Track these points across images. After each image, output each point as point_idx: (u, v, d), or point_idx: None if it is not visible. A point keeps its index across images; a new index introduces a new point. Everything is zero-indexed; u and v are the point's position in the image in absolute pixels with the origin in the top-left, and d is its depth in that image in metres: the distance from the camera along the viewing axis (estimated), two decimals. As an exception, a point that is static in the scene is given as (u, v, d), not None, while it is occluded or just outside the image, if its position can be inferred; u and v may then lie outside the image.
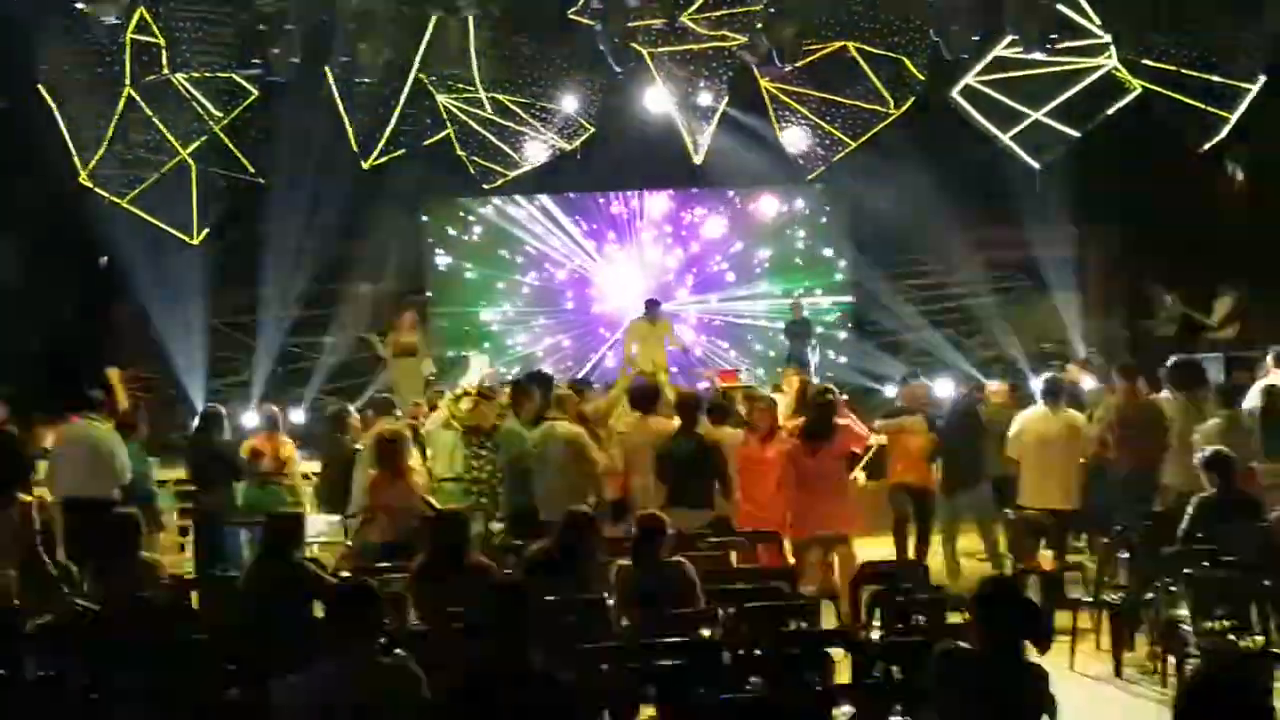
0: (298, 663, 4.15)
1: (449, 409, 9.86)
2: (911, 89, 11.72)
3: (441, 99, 11.71)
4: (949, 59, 11.37)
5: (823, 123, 12.27)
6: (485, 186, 12.96)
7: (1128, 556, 7.62)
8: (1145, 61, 11.16)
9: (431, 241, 16.13)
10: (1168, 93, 11.25)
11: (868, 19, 11.27)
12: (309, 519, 9.36)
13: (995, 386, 10.80)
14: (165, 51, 10.69)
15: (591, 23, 10.97)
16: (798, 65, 11.44)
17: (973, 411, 9.83)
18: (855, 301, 16.11)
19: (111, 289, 13.49)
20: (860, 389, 14.24)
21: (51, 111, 10.91)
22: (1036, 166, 11.99)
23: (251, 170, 11.98)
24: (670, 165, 13.90)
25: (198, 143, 11.37)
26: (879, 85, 11.76)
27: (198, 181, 11.72)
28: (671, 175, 15.05)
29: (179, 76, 10.91)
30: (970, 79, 11.56)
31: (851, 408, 9.67)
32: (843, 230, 16.19)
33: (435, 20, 10.93)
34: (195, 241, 12.12)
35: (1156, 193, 13.43)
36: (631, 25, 11.01)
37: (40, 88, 10.84)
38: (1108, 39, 10.97)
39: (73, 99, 10.91)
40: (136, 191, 11.40)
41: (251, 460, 9.49)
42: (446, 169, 13.07)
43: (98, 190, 11.33)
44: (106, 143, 11.05)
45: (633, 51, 11.17)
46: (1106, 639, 7.43)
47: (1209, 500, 7.16)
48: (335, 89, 11.45)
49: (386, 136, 11.71)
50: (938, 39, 11.16)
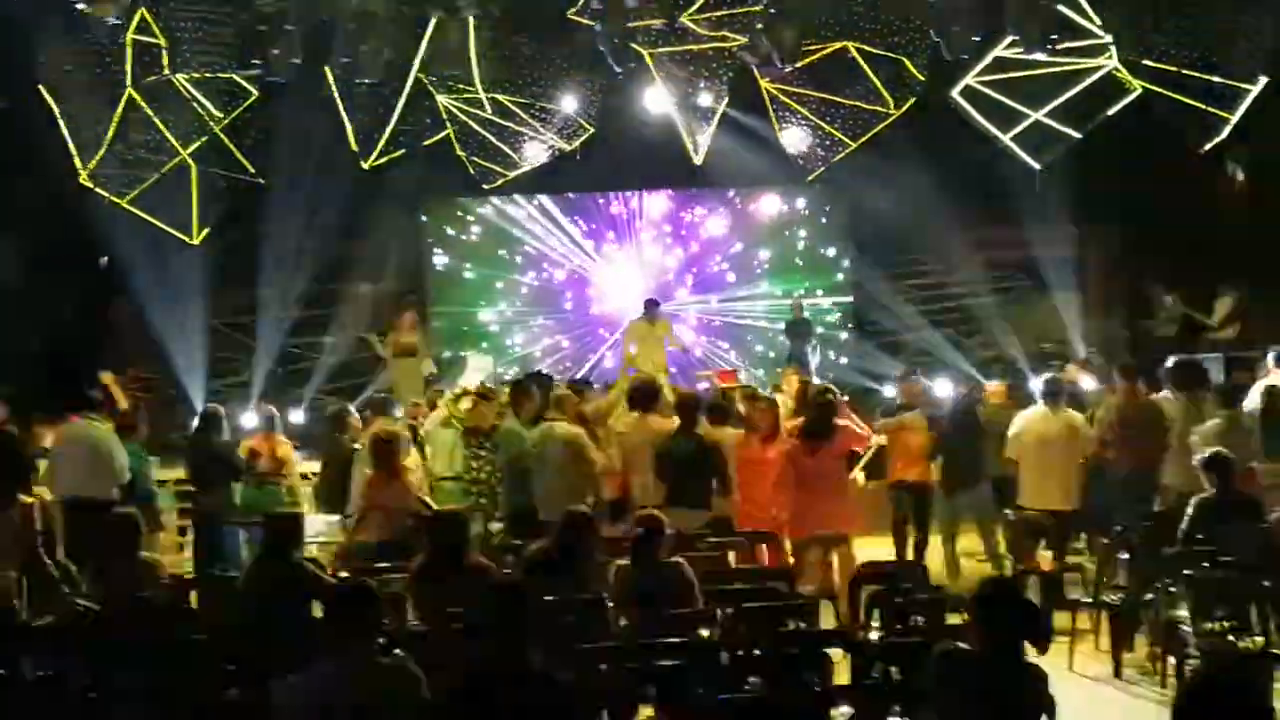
0: (298, 663, 4.15)
1: (448, 409, 9.87)
2: (912, 89, 11.72)
3: (441, 99, 11.71)
4: (949, 59, 11.37)
5: (823, 123, 12.27)
6: (485, 187, 12.95)
7: (1127, 557, 7.62)
8: (1145, 62, 11.16)
9: (430, 241, 16.11)
10: (1168, 93, 11.25)
11: (868, 19, 11.27)
12: (308, 519, 9.37)
13: (994, 386, 10.78)
14: (165, 52, 10.70)
15: (591, 23, 10.96)
16: (798, 66, 11.45)
17: (973, 411, 9.83)
18: (855, 301, 16.09)
19: (111, 289, 13.48)
20: (860, 389, 14.24)
21: (52, 111, 10.90)
22: (1036, 167, 11.99)
23: (251, 170, 11.97)
24: (670, 166, 13.88)
25: (198, 143, 11.37)
26: (879, 86, 11.76)
27: (198, 182, 11.73)
28: (671, 176, 15.04)
29: (179, 77, 10.91)
30: (970, 79, 11.55)
31: (852, 408, 9.67)
32: (843, 230, 16.17)
33: (435, 20, 10.94)
34: (195, 241, 12.12)
35: (1157, 193, 13.42)
36: (631, 25, 11.01)
37: (40, 88, 10.84)
38: (1108, 39, 10.97)
39: (73, 99, 10.91)
40: (137, 192, 11.39)
41: (249, 460, 9.50)
42: (446, 169, 13.06)
43: (98, 190, 11.32)
44: (106, 143, 11.05)
45: (632, 52, 11.17)
46: (1106, 640, 7.44)
47: (1208, 501, 7.16)
48: (335, 89, 11.46)
49: (386, 137, 11.71)
50: (938, 39, 11.16)
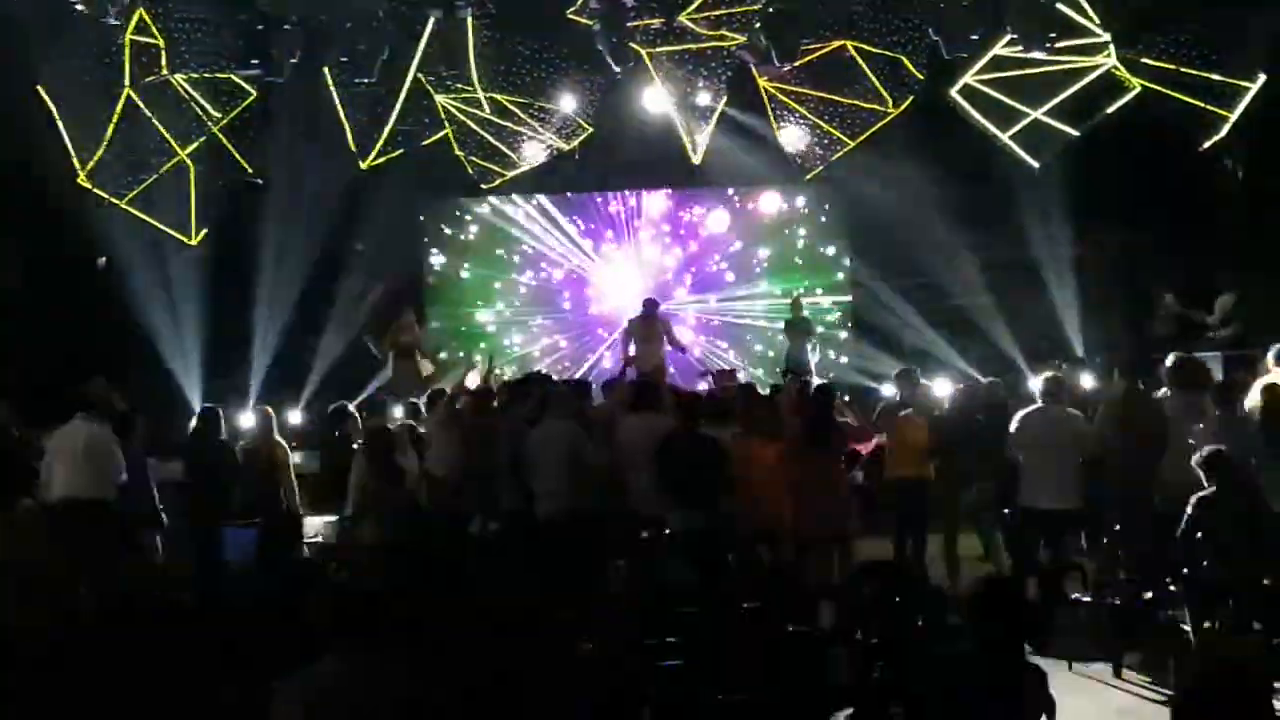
0: (298, 663, 4.14)
1: (448, 408, 9.86)
2: (910, 88, 11.72)
3: (440, 99, 11.71)
4: (948, 58, 11.38)
5: (821, 122, 12.27)
6: (483, 186, 12.95)
7: (1126, 555, 7.62)
8: (1145, 60, 11.16)
9: (427, 241, 16.08)
10: (1167, 91, 11.25)
11: (866, 18, 11.28)
12: (306, 519, 9.37)
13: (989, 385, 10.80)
14: (164, 52, 10.69)
15: (590, 22, 10.97)
16: (796, 65, 11.45)
17: (972, 408, 9.82)
18: (854, 301, 16.06)
19: (110, 289, 13.46)
20: (860, 388, 14.22)
21: (49, 112, 10.90)
22: (1035, 165, 11.99)
23: (250, 170, 11.97)
24: (668, 165, 13.88)
25: (197, 143, 11.37)
26: (877, 84, 11.76)
27: (196, 182, 11.72)
28: (670, 175, 15.01)
29: (178, 77, 10.91)
30: (969, 78, 11.56)
31: (852, 408, 9.66)
32: (842, 229, 16.14)
33: (434, 20, 10.93)
34: (194, 242, 12.11)
35: (1156, 192, 13.42)
36: (630, 25, 11.02)
37: (39, 88, 10.83)
38: (1107, 38, 10.97)
39: (71, 99, 10.91)
40: (135, 192, 11.40)
41: (246, 460, 9.49)
42: (444, 168, 13.05)
43: (97, 190, 11.32)
44: (106, 143, 11.05)
45: (631, 51, 11.18)
46: (1106, 638, 7.43)
47: (1208, 499, 7.16)
48: (334, 89, 11.45)
49: (385, 136, 11.71)
50: (936, 38, 11.17)
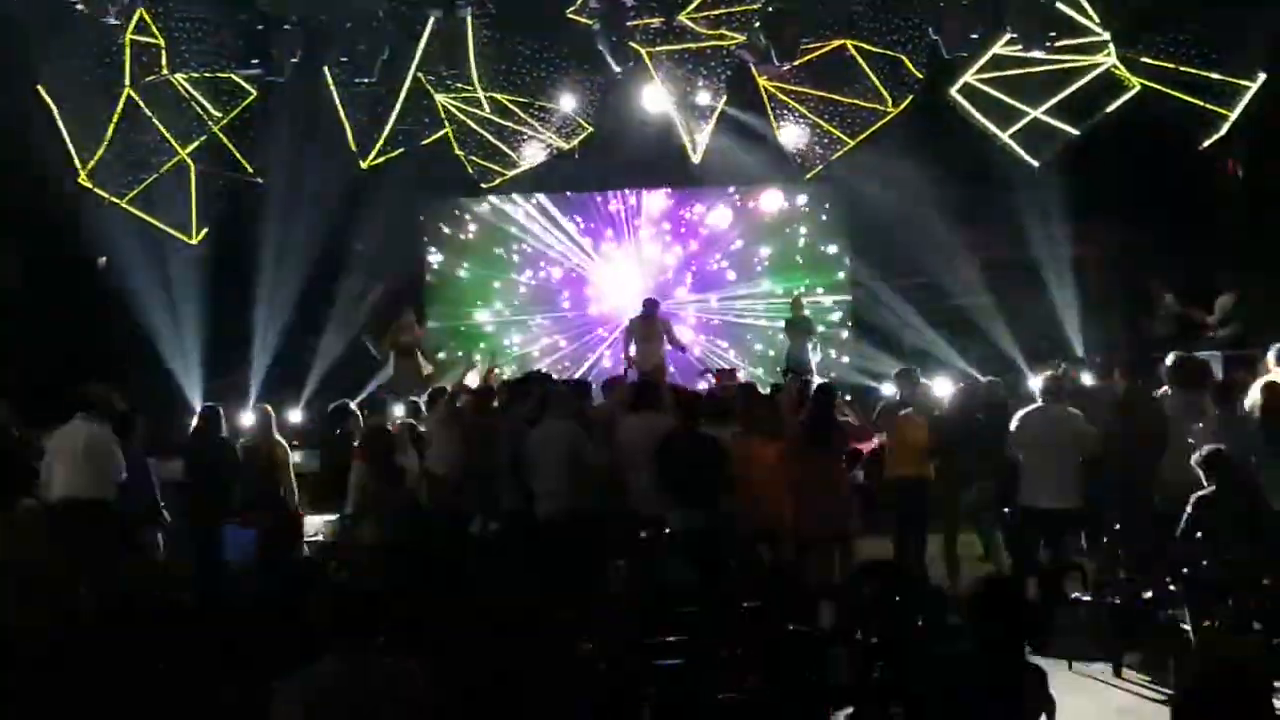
0: (298, 663, 4.14)
1: (448, 407, 9.86)
2: (910, 87, 11.72)
3: (440, 98, 11.70)
4: (947, 57, 11.37)
5: (821, 121, 12.26)
6: (483, 186, 12.94)
7: (1126, 555, 7.62)
8: (1144, 59, 11.16)
9: (426, 240, 16.07)
10: (1167, 91, 11.25)
11: (866, 17, 11.28)
12: (307, 519, 9.38)
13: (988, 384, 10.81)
14: (164, 52, 10.69)
15: (590, 22, 10.97)
16: (796, 64, 11.45)
17: (972, 407, 9.82)
18: (855, 301, 16.05)
19: (110, 289, 13.45)
20: (861, 388, 14.22)
21: (49, 111, 10.89)
22: (1035, 164, 11.99)
23: (250, 170, 11.97)
24: (668, 164, 13.87)
25: (197, 143, 11.37)
26: (877, 83, 11.75)
27: (196, 181, 11.72)
28: (669, 174, 14.99)
29: (179, 76, 10.91)
30: (969, 77, 11.55)
31: (853, 407, 9.66)
32: (842, 229, 16.13)
33: (434, 19, 10.93)
34: (194, 241, 12.11)
35: (1156, 191, 13.41)
36: (630, 25, 11.01)
37: (39, 88, 10.83)
38: (1106, 37, 10.97)
39: (72, 99, 10.90)
40: (136, 191, 11.39)
41: (246, 460, 9.50)
42: (443, 168, 13.04)
43: (97, 190, 11.32)
44: (106, 143, 11.05)
45: (631, 50, 11.17)
46: (1106, 638, 7.43)
47: (1208, 498, 7.16)
48: (334, 89, 11.45)
49: (385, 136, 11.70)
50: (936, 37, 11.17)
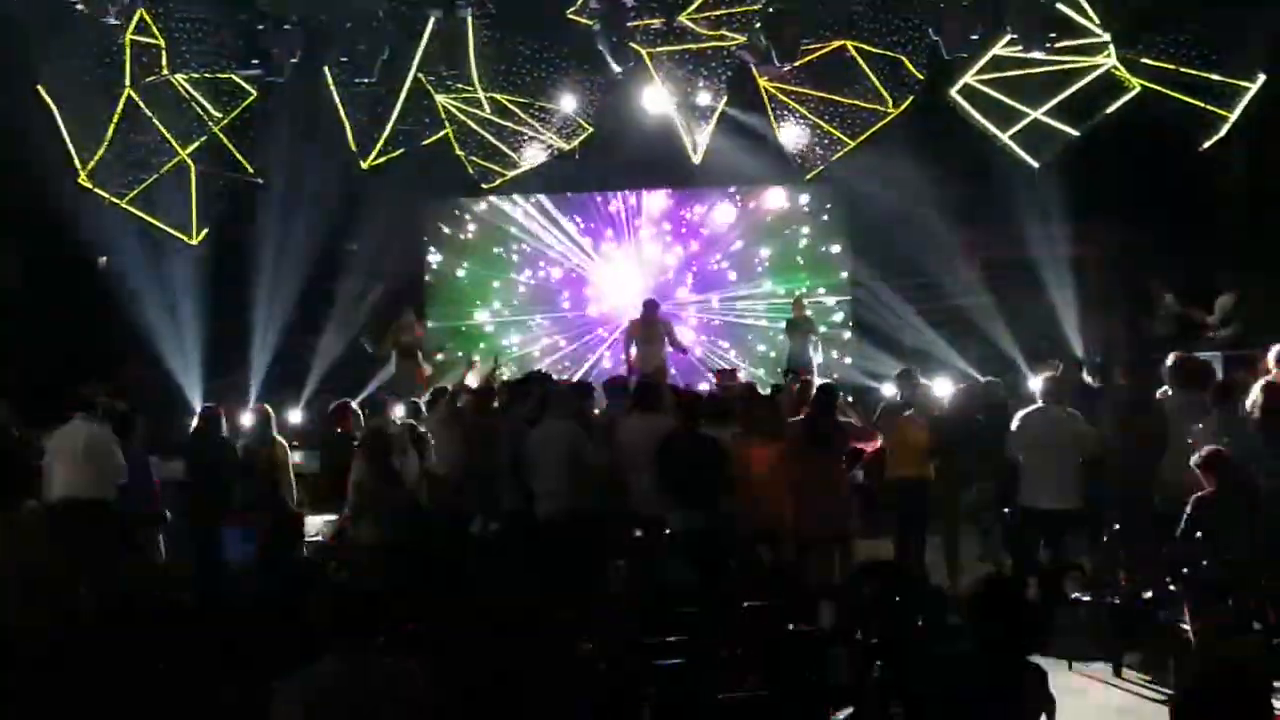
0: (298, 663, 4.15)
1: (449, 408, 9.87)
2: (910, 88, 11.72)
3: (440, 98, 11.70)
4: (947, 57, 11.38)
5: (821, 122, 12.26)
6: (484, 186, 12.94)
7: (1126, 555, 7.63)
8: (1145, 60, 11.16)
9: (426, 240, 16.05)
10: (1167, 91, 11.25)
11: (866, 18, 11.28)
12: (307, 518, 9.37)
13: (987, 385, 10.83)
14: (164, 52, 10.69)
15: (590, 23, 10.97)
16: (796, 64, 11.45)
17: (973, 407, 9.82)
18: (855, 300, 16.03)
19: (110, 289, 13.45)
20: (861, 388, 14.22)
21: (50, 112, 10.89)
22: (1035, 165, 11.99)
23: (250, 170, 11.96)
24: (668, 165, 13.86)
25: (197, 143, 11.37)
26: (877, 84, 11.75)
27: (196, 181, 11.72)
28: (669, 175, 14.98)
29: (179, 77, 10.91)
30: (969, 78, 11.55)
31: (855, 408, 9.66)
32: (842, 229, 16.12)
33: (434, 20, 10.93)
34: (194, 241, 12.11)
35: (1156, 191, 13.42)
36: (630, 25, 11.01)
37: (39, 88, 10.83)
38: (1107, 38, 10.97)
39: (73, 99, 10.90)
40: (136, 191, 11.39)
41: (246, 459, 9.50)
42: (442, 167, 13.04)
43: (97, 190, 11.31)
44: (106, 143, 11.04)
45: (631, 51, 11.17)
46: (1105, 638, 7.44)
47: (1207, 499, 7.17)
48: (334, 89, 11.46)
49: (385, 136, 11.70)
50: (936, 38, 11.17)
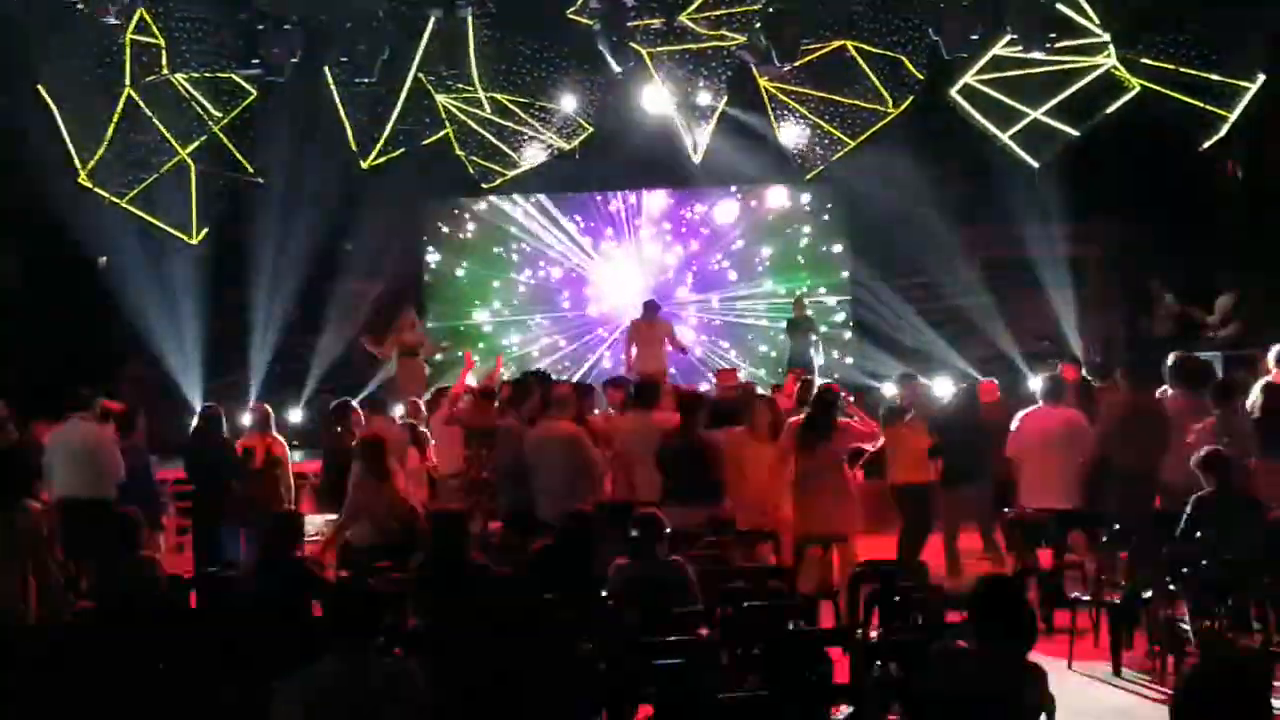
0: (298, 663, 4.15)
1: (450, 407, 9.87)
2: (910, 88, 11.72)
3: (440, 98, 11.70)
4: (947, 58, 11.38)
5: (821, 122, 12.26)
6: (484, 186, 12.94)
7: (1126, 555, 7.62)
8: (1145, 60, 11.16)
9: (425, 239, 16.04)
10: (1167, 91, 11.25)
11: (866, 18, 11.28)
12: (308, 518, 9.37)
13: (985, 384, 10.85)
14: (164, 51, 10.69)
15: (590, 23, 10.97)
16: (796, 64, 11.45)
17: (973, 408, 9.81)
18: (855, 300, 16.02)
19: (110, 289, 13.46)
20: (862, 388, 14.22)
21: (50, 111, 10.89)
22: (1035, 165, 11.99)
23: (251, 170, 11.96)
24: (669, 165, 13.86)
25: (197, 142, 11.36)
26: (878, 84, 11.75)
27: (197, 181, 11.72)
28: (670, 175, 14.96)
29: (179, 76, 10.91)
30: (969, 78, 11.55)
31: (855, 407, 9.66)
32: (843, 228, 16.11)
33: (434, 19, 10.93)
34: (194, 241, 12.11)
35: (1156, 190, 13.42)
36: (630, 25, 11.01)
37: (39, 88, 10.83)
38: (1106, 38, 10.97)
39: (73, 99, 10.90)
40: (136, 191, 11.39)
41: (245, 459, 9.51)
42: (442, 167, 13.04)
43: (97, 190, 11.31)
44: (106, 143, 11.04)
45: (631, 51, 11.18)
46: (1105, 637, 7.44)
47: (1207, 499, 7.17)
48: (334, 89, 11.45)
49: (385, 136, 11.70)
50: (936, 38, 11.17)
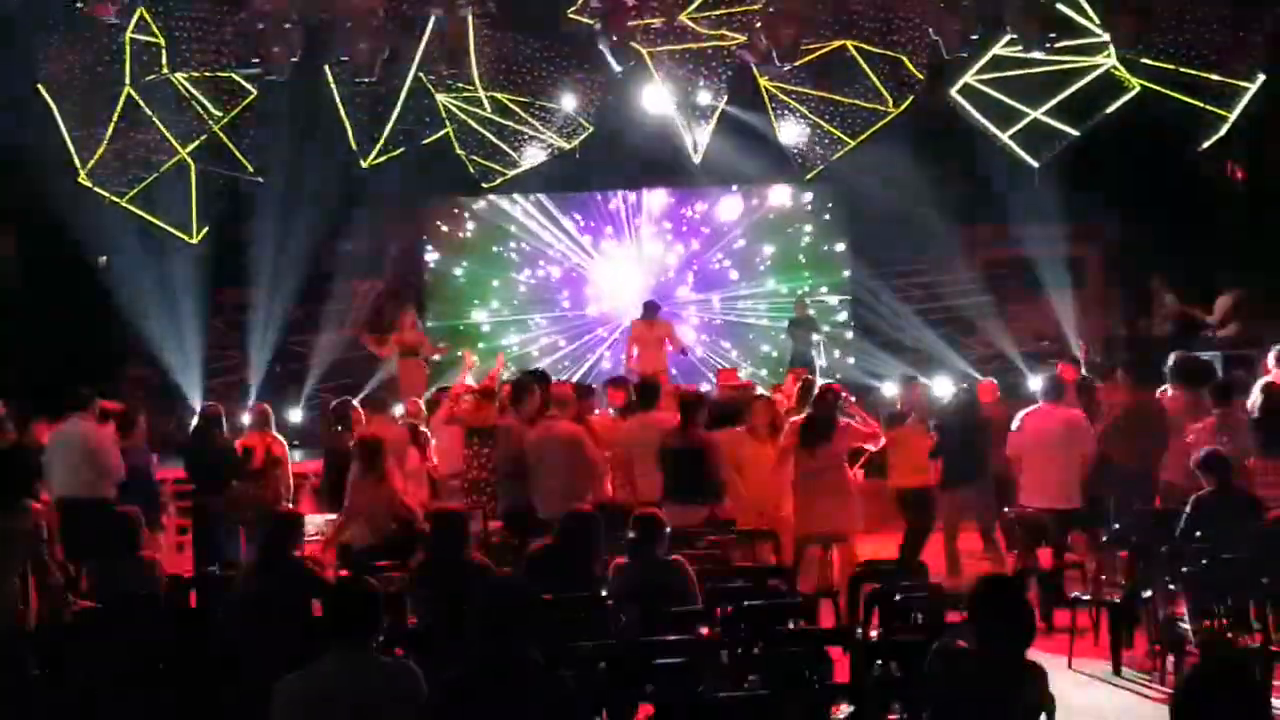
0: (298, 663, 4.15)
1: (450, 407, 9.87)
2: (910, 87, 11.72)
3: (440, 98, 11.70)
4: (948, 57, 11.37)
5: (821, 121, 12.26)
6: (484, 185, 12.94)
7: (1126, 555, 7.62)
8: (1144, 60, 11.15)
9: (425, 239, 16.03)
10: (1167, 91, 11.25)
11: (866, 18, 11.27)
12: (308, 517, 9.37)
13: (984, 384, 10.85)
14: (165, 51, 10.68)
15: (590, 22, 10.97)
16: (796, 64, 11.45)
17: (973, 408, 9.81)
18: (855, 299, 16.02)
19: (110, 289, 13.47)
20: (863, 387, 14.22)
21: (50, 111, 10.89)
22: (1034, 165, 11.99)
23: (251, 169, 11.95)
24: (669, 164, 13.85)
25: (197, 142, 11.35)
26: (878, 84, 11.75)
27: (197, 180, 11.72)
28: (670, 174, 14.95)
29: (179, 76, 10.90)
30: (969, 78, 11.55)
31: (856, 407, 9.66)
32: (843, 228, 16.11)
33: (434, 19, 10.93)
34: (194, 240, 12.11)
35: (1156, 191, 13.43)
36: (630, 25, 11.01)
37: (39, 87, 10.82)
38: (1106, 38, 10.97)
39: (71, 98, 10.89)
40: (136, 190, 11.39)
41: (245, 458, 9.51)
42: (442, 166, 13.04)
43: (97, 190, 11.31)
44: (106, 142, 11.04)
45: (632, 50, 11.17)
46: (1105, 637, 7.44)
47: (1207, 499, 7.17)
48: (334, 88, 11.45)
49: (385, 136, 11.70)
50: (936, 38, 11.16)
